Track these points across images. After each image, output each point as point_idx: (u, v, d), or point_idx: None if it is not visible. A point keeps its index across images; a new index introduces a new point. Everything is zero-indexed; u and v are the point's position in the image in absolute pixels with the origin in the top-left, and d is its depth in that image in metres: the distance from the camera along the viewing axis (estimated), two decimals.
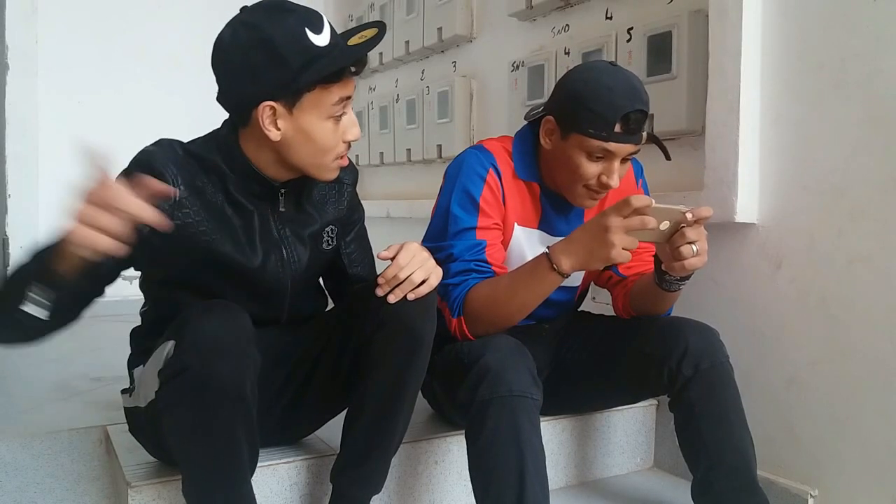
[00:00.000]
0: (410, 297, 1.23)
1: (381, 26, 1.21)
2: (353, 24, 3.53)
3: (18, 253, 2.94)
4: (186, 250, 1.19)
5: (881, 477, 1.45)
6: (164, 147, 1.21)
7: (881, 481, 1.45)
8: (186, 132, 1.28)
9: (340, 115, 1.20)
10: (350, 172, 1.42)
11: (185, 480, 1.14)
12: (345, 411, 1.36)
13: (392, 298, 1.23)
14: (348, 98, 1.19)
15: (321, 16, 1.17)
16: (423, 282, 1.24)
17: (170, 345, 1.08)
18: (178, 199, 1.17)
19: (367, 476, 1.33)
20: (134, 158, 1.18)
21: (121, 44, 3.30)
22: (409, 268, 1.23)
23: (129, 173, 1.16)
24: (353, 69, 1.17)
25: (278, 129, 1.16)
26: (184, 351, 1.05)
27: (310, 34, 1.12)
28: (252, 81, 1.13)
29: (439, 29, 2.83)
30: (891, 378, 1.43)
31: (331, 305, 1.49)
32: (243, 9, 1.17)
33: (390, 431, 1.30)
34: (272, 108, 1.14)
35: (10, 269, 1.05)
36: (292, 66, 1.11)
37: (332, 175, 1.26)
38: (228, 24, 1.16)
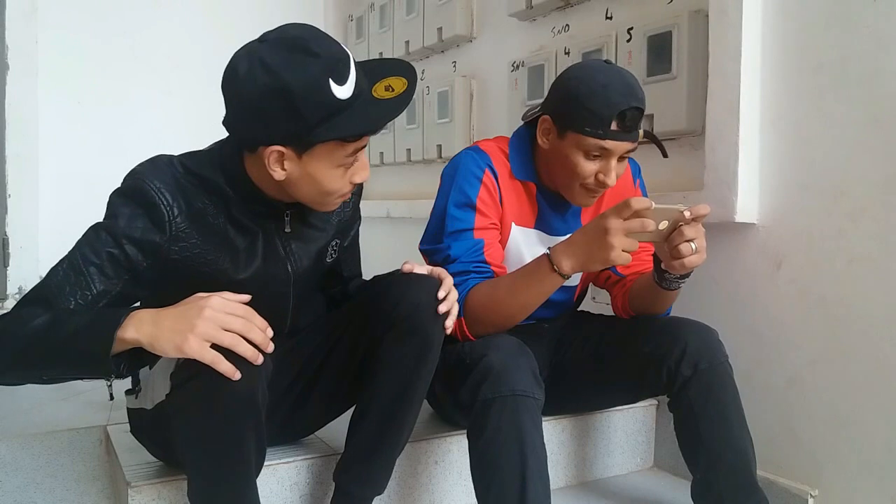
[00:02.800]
0: (449, 323, 1.26)
1: (410, 76, 1.13)
2: (353, 25, 3.53)
3: (18, 253, 2.95)
4: (186, 277, 1.16)
5: (881, 477, 1.45)
6: (161, 167, 1.15)
7: (881, 481, 1.45)
8: (185, 132, 1.28)
9: (352, 163, 1.15)
10: None
11: (190, 484, 1.14)
12: (347, 411, 1.36)
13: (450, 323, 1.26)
14: (363, 147, 1.15)
15: (348, 58, 1.08)
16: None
17: None
18: (174, 232, 1.14)
19: (370, 475, 1.33)
20: (127, 180, 1.14)
21: (121, 44, 3.30)
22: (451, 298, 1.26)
23: (125, 196, 1.13)
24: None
25: (284, 170, 1.11)
26: None
27: (333, 85, 1.05)
28: (263, 126, 1.08)
29: (439, 29, 2.82)
30: (891, 378, 1.43)
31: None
32: (264, 39, 1.08)
33: (397, 432, 1.30)
34: (280, 152, 1.09)
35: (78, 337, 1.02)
36: (309, 121, 1.05)
37: (333, 208, 1.24)
38: (245, 56, 1.07)
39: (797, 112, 1.59)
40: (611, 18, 2.10)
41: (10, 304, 2.95)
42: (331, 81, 1.05)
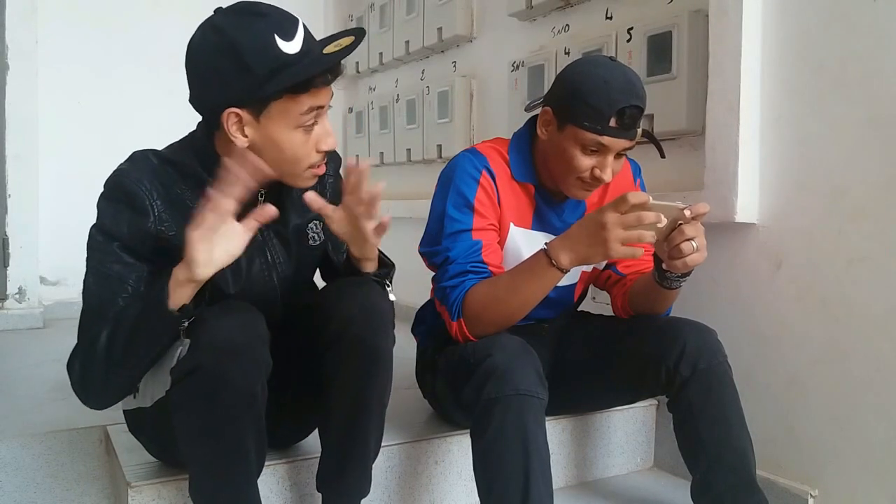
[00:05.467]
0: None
1: (358, 34, 1.17)
2: (353, 25, 3.53)
3: (18, 253, 2.95)
4: (176, 257, 1.16)
5: (881, 477, 1.45)
6: (137, 161, 1.19)
7: (881, 481, 1.45)
8: (186, 132, 1.27)
9: (312, 125, 1.16)
10: (332, 161, 1.37)
11: (192, 480, 1.14)
12: None
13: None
14: (321, 107, 1.16)
15: (295, 21, 1.13)
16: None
17: (184, 343, 1.07)
18: (157, 213, 1.16)
19: (348, 485, 1.32)
20: (107, 182, 1.17)
21: (121, 43, 3.30)
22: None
23: (107, 197, 1.16)
24: (329, 76, 1.14)
25: (245, 136, 1.13)
26: (197, 350, 1.04)
27: (279, 41, 1.09)
28: (217, 87, 1.11)
29: (439, 29, 2.83)
30: (891, 378, 1.43)
31: None
32: (217, 10, 1.14)
33: (362, 445, 1.29)
34: (237, 115, 1.11)
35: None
36: (257, 74, 1.08)
37: (308, 184, 1.23)
38: (200, 26, 1.14)
39: (797, 112, 1.59)
40: (611, 18, 2.10)
41: (10, 304, 2.96)
42: (277, 37, 1.09)
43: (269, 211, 1.07)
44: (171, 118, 3.23)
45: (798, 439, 1.59)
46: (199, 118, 1.21)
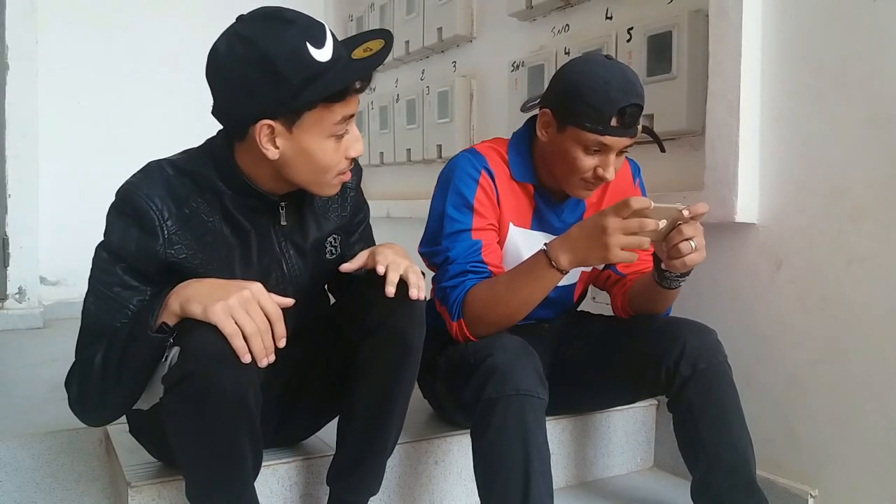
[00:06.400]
0: (414, 294, 1.19)
1: (387, 37, 1.15)
2: (353, 25, 3.53)
3: (18, 253, 2.95)
4: (188, 278, 1.15)
5: (881, 477, 1.45)
6: (151, 174, 1.16)
7: (881, 481, 1.45)
8: (186, 132, 1.27)
9: (343, 134, 1.15)
10: (354, 173, 1.35)
11: (188, 485, 1.14)
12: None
13: (391, 291, 1.17)
14: (351, 116, 1.14)
15: (323, 26, 1.10)
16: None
17: (174, 351, 1.07)
18: (167, 236, 1.13)
19: (361, 480, 1.32)
20: (118, 194, 1.15)
21: (121, 43, 3.30)
22: (395, 267, 1.19)
23: (117, 210, 1.14)
24: (357, 86, 1.11)
25: (276, 148, 1.11)
26: (187, 358, 1.04)
27: (311, 48, 1.06)
28: (249, 99, 1.08)
29: (439, 29, 2.83)
30: (891, 378, 1.43)
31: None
32: (240, 18, 1.10)
33: (383, 438, 1.29)
34: (270, 126, 1.09)
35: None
36: (292, 84, 1.06)
37: (334, 191, 1.22)
38: (224, 35, 1.10)
39: (797, 112, 1.59)
40: (611, 18, 2.10)
41: (10, 304, 2.96)
42: (308, 45, 1.06)
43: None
44: (170, 118, 3.26)
45: (798, 439, 1.59)
46: (200, 119, 1.20)
